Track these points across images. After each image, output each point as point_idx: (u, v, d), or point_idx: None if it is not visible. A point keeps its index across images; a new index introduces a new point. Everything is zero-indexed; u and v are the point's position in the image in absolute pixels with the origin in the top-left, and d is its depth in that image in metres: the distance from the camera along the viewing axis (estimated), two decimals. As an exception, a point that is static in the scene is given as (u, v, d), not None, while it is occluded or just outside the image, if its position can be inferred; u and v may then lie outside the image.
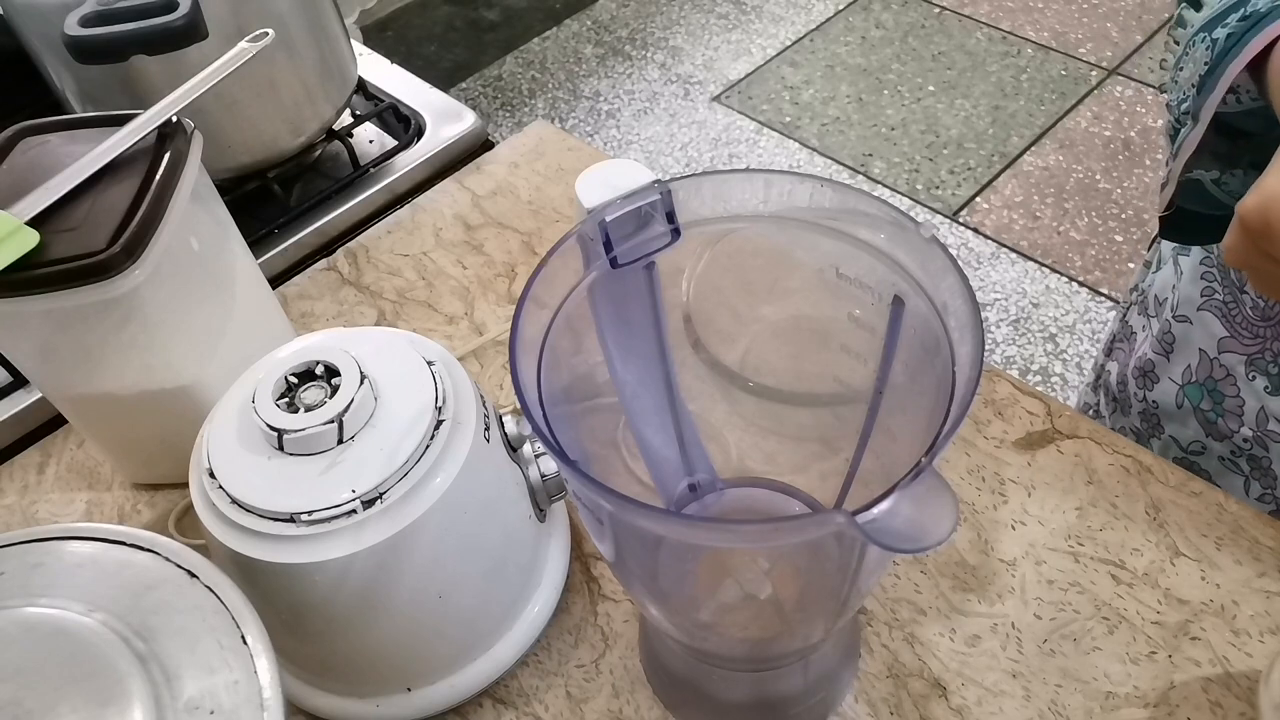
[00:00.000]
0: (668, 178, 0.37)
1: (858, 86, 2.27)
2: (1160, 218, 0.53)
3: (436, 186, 0.78)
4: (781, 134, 2.19)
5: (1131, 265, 1.81)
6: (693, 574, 0.39)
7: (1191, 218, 0.52)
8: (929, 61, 2.31)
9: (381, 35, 2.58)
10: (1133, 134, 2.05)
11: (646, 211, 0.37)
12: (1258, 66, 0.42)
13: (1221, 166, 0.50)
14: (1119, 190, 1.94)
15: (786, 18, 2.51)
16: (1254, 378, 0.57)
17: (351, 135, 0.81)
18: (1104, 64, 2.22)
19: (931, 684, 0.47)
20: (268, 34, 0.54)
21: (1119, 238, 1.86)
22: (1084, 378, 1.65)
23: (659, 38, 2.52)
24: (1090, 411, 0.77)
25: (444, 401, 0.43)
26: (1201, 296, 0.59)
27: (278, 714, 0.31)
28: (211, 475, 0.41)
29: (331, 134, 0.80)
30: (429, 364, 0.44)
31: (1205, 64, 0.45)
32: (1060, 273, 1.81)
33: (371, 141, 0.84)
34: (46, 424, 0.64)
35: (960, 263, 0.33)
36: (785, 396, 0.45)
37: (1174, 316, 0.61)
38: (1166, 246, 0.64)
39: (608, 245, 0.37)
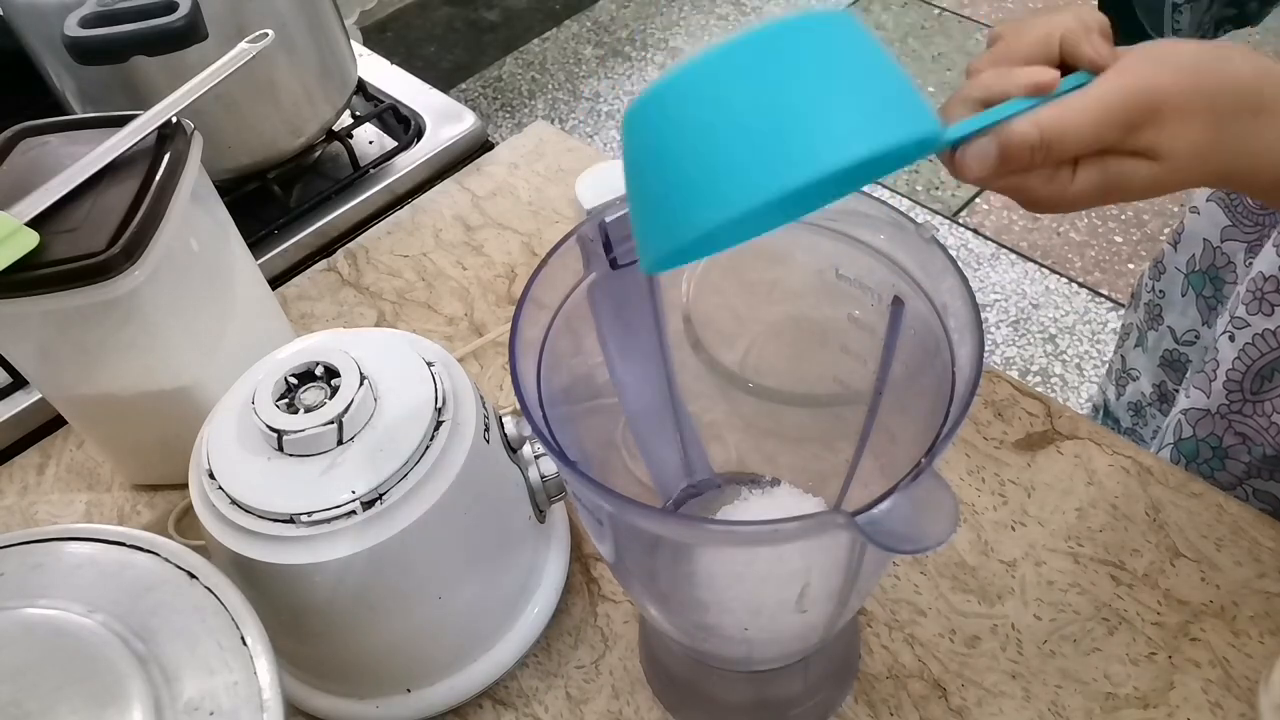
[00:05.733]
0: (668, 178, 0.37)
1: (857, 87, 2.27)
2: None
3: (436, 187, 0.78)
4: (781, 135, 2.19)
5: (1131, 266, 1.81)
6: (692, 575, 0.39)
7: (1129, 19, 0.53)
8: (929, 62, 2.31)
9: (381, 36, 2.58)
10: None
11: (646, 212, 0.37)
12: None
13: None
14: (1119, 191, 1.94)
15: (786, 19, 2.51)
16: (1250, 264, 0.59)
17: (351, 136, 0.81)
18: (1104, 65, 2.22)
19: (931, 685, 0.47)
20: (268, 35, 0.54)
21: (1119, 238, 1.86)
22: (1084, 378, 1.65)
23: (659, 39, 2.52)
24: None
25: (444, 402, 0.43)
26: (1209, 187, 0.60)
27: (277, 715, 0.31)
28: (211, 476, 0.41)
29: (331, 135, 0.80)
30: (429, 365, 0.44)
31: None
32: (1060, 274, 1.81)
33: (371, 142, 0.84)
34: (46, 425, 0.64)
35: (960, 264, 0.33)
36: (785, 397, 0.45)
37: (1188, 209, 0.63)
38: None
39: (607, 246, 0.37)
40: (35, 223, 0.44)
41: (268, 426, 0.40)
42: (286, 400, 0.42)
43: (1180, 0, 0.52)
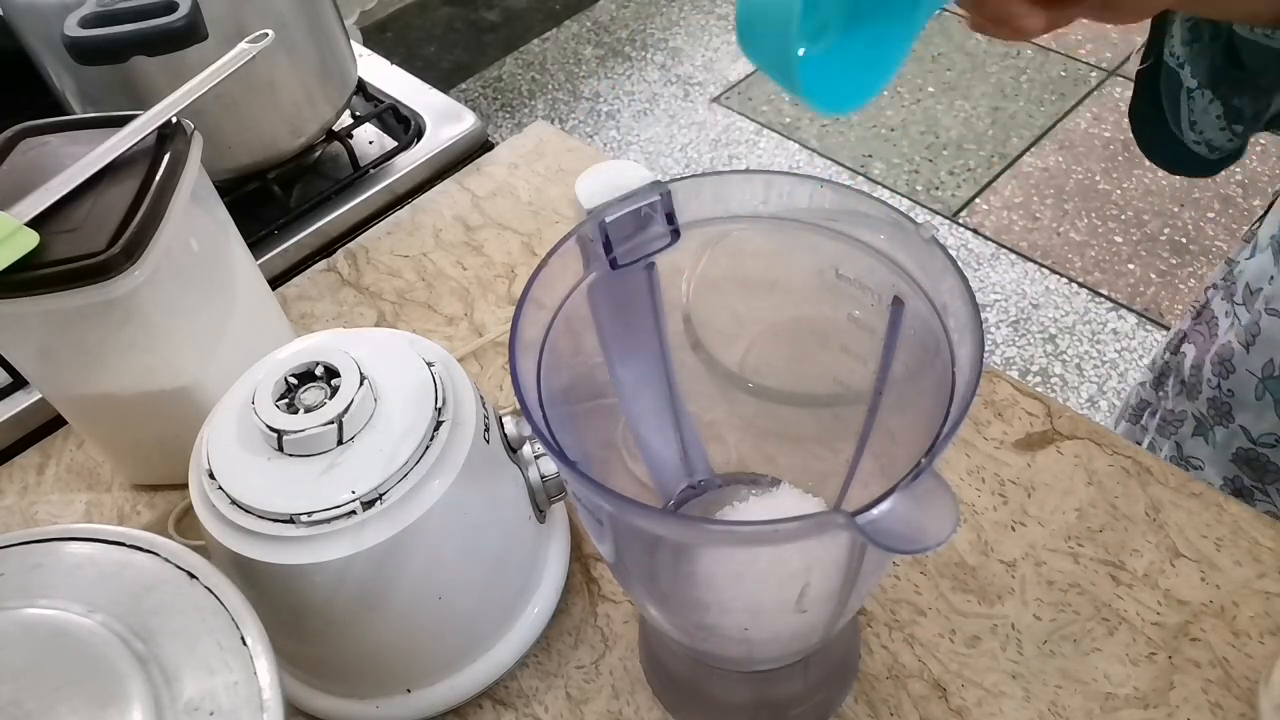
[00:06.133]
0: (667, 179, 0.37)
1: (857, 87, 2.27)
2: (1136, 72, 0.55)
3: (436, 187, 0.78)
4: (781, 135, 2.19)
5: (1131, 266, 1.81)
6: (692, 575, 0.39)
7: (1158, 114, 0.54)
8: (928, 63, 2.31)
9: (381, 36, 2.58)
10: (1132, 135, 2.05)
11: (646, 212, 0.37)
12: None
13: (1203, 80, 0.51)
14: (1118, 191, 1.94)
15: (786, 19, 2.51)
16: None
17: (351, 136, 0.81)
18: (1104, 65, 2.22)
19: (931, 685, 0.47)
20: (268, 35, 0.54)
21: (1119, 239, 1.86)
22: (1084, 378, 1.65)
23: (659, 39, 2.52)
24: (1135, 408, 0.76)
25: (444, 403, 0.43)
26: None
27: (277, 715, 0.31)
28: (211, 476, 0.41)
29: (331, 135, 0.80)
30: (429, 365, 0.44)
31: None
32: (1060, 274, 1.81)
33: (371, 142, 0.84)
34: (46, 425, 0.64)
35: (960, 264, 0.33)
36: (785, 397, 0.45)
37: (1266, 309, 0.61)
38: (1265, 233, 0.63)
39: (607, 246, 0.37)
40: (35, 223, 0.44)
41: (268, 426, 0.40)
42: (286, 400, 0.42)
43: (1193, 86, 0.52)
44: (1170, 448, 0.71)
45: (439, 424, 0.42)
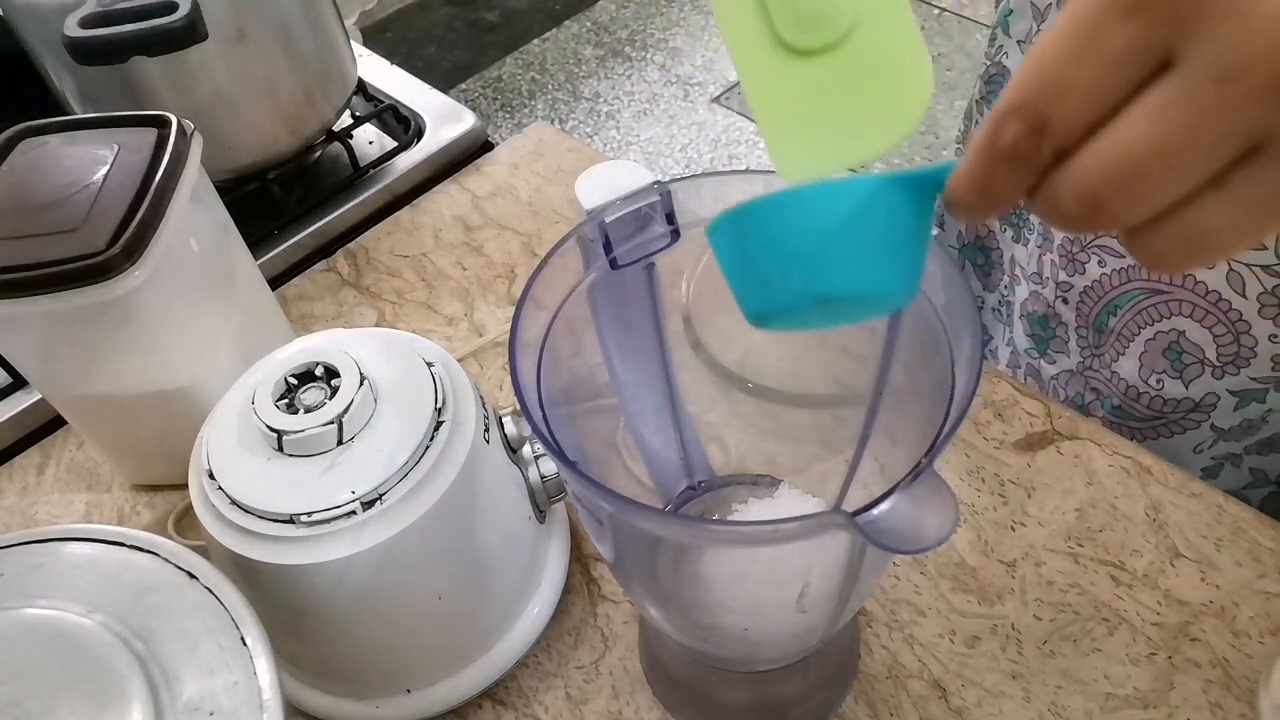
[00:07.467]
0: (667, 179, 0.37)
1: (857, 87, 2.27)
2: None
3: (436, 188, 0.78)
4: (781, 135, 2.19)
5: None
6: (692, 575, 0.39)
7: None
8: (929, 62, 2.31)
9: (381, 36, 2.58)
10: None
11: (646, 212, 0.37)
12: None
13: None
14: (1119, 191, 1.94)
15: (786, 19, 2.51)
16: None
17: (351, 136, 0.81)
18: (1104, 65, 2.22)
19: (931, 685, 0.47)
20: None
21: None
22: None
23: (659, 39, 2.52)
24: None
25: (443, 403, 0.43)
26: None
27: (277, 715, 0.31)
28: (211, 476, 0.41)
29: (331, 135, 0.80)
30: (428, 365, 0.44)
31: None
32: (1060, 274, 1.81)
33: (371, 143, 0.84)
34: (46, 425, 0.64)
35: (960, 263, 0.33)
36: (785, 397, 0.45)
37: None
38: None
39: (607, 246, 0.37)
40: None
41: (268, 426, 0.40)
42: (286, 400, 0.42)
43: None
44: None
45: (439, 424, 0.42)
